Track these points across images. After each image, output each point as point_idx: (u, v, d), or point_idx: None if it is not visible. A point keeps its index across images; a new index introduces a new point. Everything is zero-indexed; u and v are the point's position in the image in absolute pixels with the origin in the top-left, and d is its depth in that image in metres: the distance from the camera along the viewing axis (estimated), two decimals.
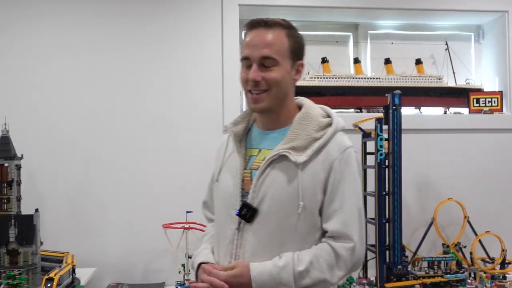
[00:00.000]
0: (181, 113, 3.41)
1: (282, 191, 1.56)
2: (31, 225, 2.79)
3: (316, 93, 3.65)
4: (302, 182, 1.55)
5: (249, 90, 1.61)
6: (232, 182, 1.65)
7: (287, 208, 1.55)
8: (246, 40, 1.63)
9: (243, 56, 1.62)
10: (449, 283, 3.15)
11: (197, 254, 1.75)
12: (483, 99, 3.81)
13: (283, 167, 1.57)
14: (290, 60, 1.62)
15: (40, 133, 3.32)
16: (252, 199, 1.59)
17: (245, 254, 1.60)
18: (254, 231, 1.59)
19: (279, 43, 1.59)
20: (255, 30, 1.61)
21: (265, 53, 1.57)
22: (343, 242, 1.57)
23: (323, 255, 1.55)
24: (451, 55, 3.98)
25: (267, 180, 1.58)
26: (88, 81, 3.39)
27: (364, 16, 3.87)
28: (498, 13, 3.83)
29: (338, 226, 1.57)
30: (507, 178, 3.73)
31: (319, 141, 1.59)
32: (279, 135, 1.64)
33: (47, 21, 3.38)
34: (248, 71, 1.59)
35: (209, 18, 3.47)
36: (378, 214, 3.14)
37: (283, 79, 1.60)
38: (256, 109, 1.64)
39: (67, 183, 3.33)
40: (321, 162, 1.58)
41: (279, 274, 1.51)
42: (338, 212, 1.57)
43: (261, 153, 1.66)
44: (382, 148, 3.14)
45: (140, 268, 3.37)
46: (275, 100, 1.61)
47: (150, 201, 3.33)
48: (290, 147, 1.57)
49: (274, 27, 1.60)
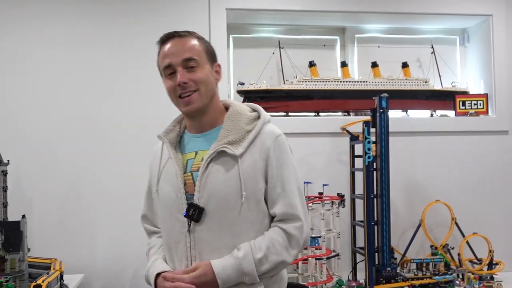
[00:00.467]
0: (170, 117, 3.38)
1: (226, 185, 1.62)
2: (18, 232, 2.75)
3: (304, 96, 3.67)
4: (243, 173, 1.63)
5: (179, 96, 1.70)
6: (174, 188, 1.69)
7: (233, 201, 1.62)
8: (163, 51, 1.73)
9: (164, 65, 1.71)
10: (437, 284, 3.17)
11: (149, 267, 1.74)
12: (469, 101, 3.85)
13: (222, 162, 1.64)
14: (208, 61, 1.73)
15: (27, 139, 3.29)
16: (198, 199, 1.63)
17: (202, 253, 1.63)
18: (206, 229, 1.63)
19: (195, 47, 1.70)
20: (169, 42, 1.73)
21: (186, 55, 1.67)
22: (292, 223, 1.66)
23: (277, 238, 1.63)
24: (437, 58, 4.01)
25: (209, 178, 1.64)
26: (76, 86, 3.36)
27: (351, 20, 3.89)
28: (482, 17, 3.88)
29: (285, 208, 1.66)
30: (493, 180, 3.77)
31: (252, 133, 1.68)
32: (211, 135, 1.72)
33: (33, 23, 3.35)
34: (172, 78, 1.69)
35: (197, 22, 3.47)
36: (366, 217, 3.15)
37: (208, 78, 1.70)
38: (190, 111, 1.71)
39: (55, 189, 3.30)
40: (258, 152, 1.66)
41: (241, 265, 1.58)
42: (282, 196, 1.66)
43: (198, 155, 1.72)
44: (370, 151, 3.16)
45: (129, 274, 3.35)
46: (205, 99, 1.70)
47: (138, 206, 3.29)
48: (226, 142, 1.65)
49: (186, 36, 1.72)
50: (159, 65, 1.76)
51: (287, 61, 3.82)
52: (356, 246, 3.45)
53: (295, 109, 3.64)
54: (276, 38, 3.84)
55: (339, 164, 3.57)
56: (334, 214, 3.25)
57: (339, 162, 3.58)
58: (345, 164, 3.54)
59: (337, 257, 3.29)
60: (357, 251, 3.41)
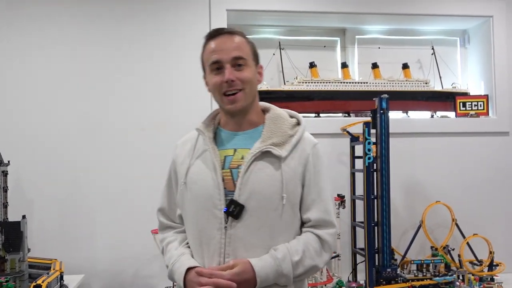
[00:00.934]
0: (170, 118, 3.41)
1: (268, 185, 1.63)
2: (18, 232, 2.76)
3: (304, 97, 3.67)
4: (285, 175, 1.64)
5: (224, 93, 1.69)
6: (211, 183, 1.67)
7: (273, 201, 1.63)
8: (211, 47, 1.71)
9: (212, 60, 1.69)
10: (438, 285, 3.17)
11: (174, 262, 1.71)
12: (469, 103, 3.85)
13: (266, 162, 1.65)
14: (253, 62, 1.74)
15: (27, 139, 3.30)
16: (238, 196, 1.63)
17: (237, 251, 1.62)
18: (244, 227, 1.62)
19: (244, 46, 1.71)
20: (219, 38, 1.71)
21: (236, 54, 1.67)
22: (325, 229, 1.70)
23: (312, 243, 1.66)
24: (437, 59, 4.02)
25: (252, 176, 1.63)
26: (76, 87, 3.37)
27: (352, 21, 3.89)
28: (483, 18, 3.88)
29: (320, 214, 1.69)
30: (493, 181, 3.77)
31: (295, 137, 1.71)
32: (251, 135, 1.73)
33: (33, 24, 3.35)
34: (219, 75, 1.68)
35: (197, 23, 3.47)
36: (367, 218, 3.15)
37: (253, 78, 1.72)
38: (234, 109, 1.71)
39: (55, 189, 3.30)
40: (298, 157, 1.69)
41: (280, 266, 1.59)
42: (317, 202, 1.70)
43: (237, 152, 1.71)
44: (370, 152, 3.16)
45: (129, 274, 3.35)
46: (249, 99, 1.72)
47: (138, 206, 3.31)
48: (271, 144, 1.67)
49: (235, 34, 1.72)
50: (204, 59, 1.75)
51: (288, 62, 3.82)
52: (356, 247, 3.45)
53: (296, 110, 3.46)
54: (276, 39, 3.85)
55: (340, 165, 3.57)
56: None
57: (339, 163, 3.58)
58: (345, 165, 3.54)
59: (337, 258, 3.29)
60: (357, 252, 3.41)
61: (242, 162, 1.67)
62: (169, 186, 1.89)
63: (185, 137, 1.88)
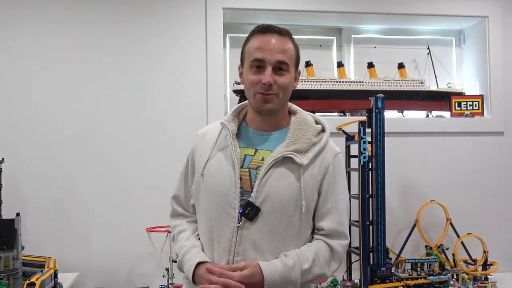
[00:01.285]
0: (165, 116, 3.40)
1: (285, 191, 1.62)
2: (12, 230, 2.75)
3: (300, 96, 3.67)
4: (304, 183, 1.63)
5: (257, 92, 1.65)
6: (228, 180, 1.65)
7: (288, 207, 1.62)
8: (258, 43, 1.66)
9: (256, 58, 1.64)
10: (432, 284, 3.18)
11: (185, 253, 1.70)
12: (465, 102, 3.86)
13: (286, 168, 1.63)
14: (294, 67, 1.71)
15: (22, 136, 3.29)
16: (254, 198, 1.61)
17: (246, 251, 1.62)
18: (257, 229, 1.61)
19: (290, 50, 1.67)
20: (267, 35, 1.66)
21: (281, 58, 1.63)
22: (338, 239, 1.69)
23: (322, 252, 1.66)
24: (433, 59, 4.03)
25: (270, 180, 1.62)
26: (73, 84, 3.36)
27: (348, 21, 3.90)
28: (478, 18, 3.89)
29: (335, 225, 1.68)
30: (488, 181, 3.79)
31: (318, 146, 1.68)
32: (276, 137, 1.71)
33: (31, 24, 3.34)
34: (259, 73, 1.64)
35: (193, 22, 3.47)
36: (362, 217, 3.15)
37: (290, 85, 1.68)
38: (265, 109, 1.67)
39: (49, 187, 3.29)
40: (318, 165, 1.67)
41: (289, 273, 1.59)
42: (333, 212, 1.69)
43: (258, 153, 1.69)
44: (366, 151, 3.17)
45: (124, 273, 3.34)
46: (281, 104, 1.69)
47: (133, 205, 3.31)
48: (294, 150, 1.65)
49: (285, 35, 1.68)
50: (246, 52, 1.70)
51: None
52: (351, 246, 3.44)
53: None
54: None
55: None
56: None
57: None
58: None
59: None
60: (352, 251, 3.41)
61: (261, 163, 1.66)
62: (185, 174, 1.86)
63: (206, 128, 1.85)
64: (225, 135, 1.74)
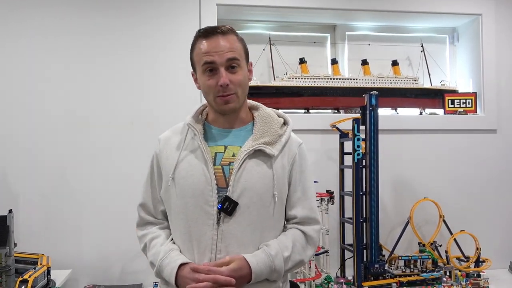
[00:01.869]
0: (159, 112, 3.39)
1: (260, 183, 1.67)
2: (4, 226, 2.72)
3: (294, 93, 3.67)
4: (275, 173, 1.69)
5: (217, 95, 1.69)
6: (202, 178, 1.67)
7: (264, 199, 1.67)
8: (204, 47, 1.69)
9: (206, 61, 1.67)
10: (425, 281, 3.20)
11: (163, 258, 1.68)
12: (458, 100, 3.87)
13: (258, 161, 1.69)
14: (245, 61, 1.75)
15: (13, 132, 3.26)
16: (231, 193, 1.64)
17: (229, 247, 1.63)
18: (237, 224, 1.64)
19: (237, 47, 1.72)
20: (212, 38, 1.69)
21: (230, 55, 1.68)
22: (311, 225, 1.77)
23: (298, 239, 1.73)
24: (426, 56, 4.04)
25: (244, 173, 1.66)
26: (64, 81, 3.33)
27: (342, 18, 3.89)
28: (472, 16, 3.90)
29: (307, 212, 1.77)
30: (481, 178, 3.80)
31: (284, 137, 1.76)
32: (241, 132, 1.77)
33: (23, 23, 3.31)
34: (213, 76, 1.68)
35: (187, 18, 3.45)
36: (355, 214, 3.16)
37: (245, 80, 1.74)
38: (228, 109, 1.72)
39: (42, 183, 3.27)
40: (286, 156, 1.75)
41: (273, 262, 1.63)
42: (302, 200, 1.77)
43: (228, 149, 1.73)
44: (359, 148, 3.17)
45: (117, 270, 3.33)
46: (241, 101, 1.74)
47: (126, 201, 3.28)
48: (263, 142, 1.70)
49: (229, 33, 1.71)
50: (195, 58, 1.74)
51: (278, 58, 3.81)
52: (344, 243, 3.46)
53: (285, 106, 3.64)
54: (266, 35, 3.84)
55: (329, 161, 3.58)
56: (323, 211, 3.26)
57: (328, 159, 3.59)
58: (334, 161, 3.55)
59: (325, 253, 3.30)
60: (345, 248, 3.42)
61: (233, 159, 1.69)
62: (151, 181, 1.86)
63: (168, 132, 1.88)
64: (192, 136, 1.76)
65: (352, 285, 3.18)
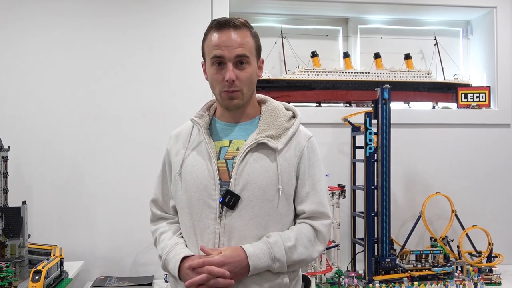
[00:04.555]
0: (170, 106, 3.39)
1: (263, 176, 1.65)
2: (18, 218, 2.76)
3: (306, 87, 3.66)
4: (280, 167, 1.67)
5: (222, 90, 1.69)
6: (206, 173, 1.68)
7: (268, 192, 1.65)
8: (215, 40, 1.68)
9: (215, 55, 1.67)
10: (436, 276, 3.18)
11: (168, 251, 1.71)
12: (471, 94, 3.84)
13: (261, 154, 1.68)
14: (256, 57, 1.74)
15: (28, 125, 3.29)
16: (233, 187, 1.64)
17: (231, 241, 1.63)
18: (239, 217, 1.64)
19: (248, 42, 1.70)
20: (224, 31, 1.67)
21: (240, 52, 1.66)
22: (320, 220, 1.73)
23: (305, 232, 1.70)
24: (439, 50, 4.00)
25: (247, 167, 1.65)
26: (77, 74, 3.35)
27: (354, 11, 3.87)
28: (486, 9, 3.85)
29: (315, 206, 1.73)
30: (494, 173, 3.77)
31: (291, 130, 1.74)
32: (247, 126, 1.76)
33: (32, 16, 3.32)
34: (220, 70, 1.67)
35: (199, 11, 3.45)
36: (367, 208, 3.16)
37: (253, 77, 1.72)
38: (232, 106, 1.72)
39: (56, 175, 3.30)
40: (293, 149, 1.72)
41: (272, 249, 1.60)
42: (312, 194, 1.74)
43: (232, 144, 1.73)
44: (371, 142, 3.16)
45: (129, 261, 3.35)
46: (247, 98, 1.72)
47: (138, 194, 3.30)
48: (267, 136, 1.69)
49: (242, 28, 1.69)
50: (205, 49, 1.74)
51: (290, 51, 3.80)
52: (355, 237, 3.46)
53: (297, 99, 3.63)
54: (278, 28, 3.82)
55: (340, 155, 3.57)
56: (334, 204, 3.25)
57: (340, 153, 3.58)
58: (346, 155, 3.54)
59: (336, 247, 3.30)
60: (356, 242, 3.42)
61: (237, 153, 1.68)
62: (163, 177, 1.89)
63: (179, 128, 1.90)
64: (197, 131, 1.77)
65: (363, 279, 3.18)
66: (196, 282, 1.57)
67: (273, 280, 1.65)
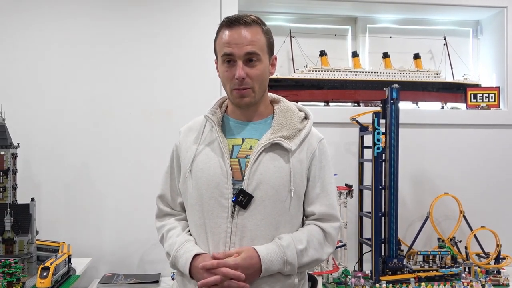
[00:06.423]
0: (179, 103, 3.40)
1: (276, 177, 1.64)
2: (27, 214, 2.78)
3: (314, 86, 3.65)
4: (293, 168, 1.66)
5: (233, 88, 1.68)
6: (218, 171, 1.66)
7: (280, 193, 1.64)
8: (225, 37, 1.67)
9: (225, 52, 1.66)
10: (443, 277, 3.17)
11: (178, 248, 1.68)
12: (480, 94, 3.82)
13: (275, 154, 1.67)
14: (267, 54, 1.73)
15: (37, 122, 3.31)
16: (246, 186, 1.63)
17: (243, 240, 1.62)
18: (251, 217, 1.63)
19: (259, 40, 1.69)
20: (234, 29, 1.67)
21: (249, 49, 1.65)
22: (330, 222, 1.73)
23: (315, 235, 1.70)
24: (449, 50, 3.98)
25: (260, 167, 1.64)
26: (86, 71, 3.36)
27: (363, 10, 3.85)
28: (496, 9, 3.82)
29: (325, 208, 1.73)
30: (503, 174, 3.75)
31: (304, 132, 1.73)
32: (260, 125, 1.75)
33: (43, 14, 3.34)
34: (231, 68, 1.66)
35: (207, 9, 3.45)
36: (374, 208, 3.14)
37: (264, 74, 1.71)
38: (243, 103, 1.71)
39: (64, 172, 3.32)
40: (305, 151, 1.71)
41: (285, 253, 1.60)
42: (322, 196, 1.74)
43: (245, 142, 1.72)
44: (379, 142, 3.15)
45: (136, 259, 3.37)
46: (258, 96, 1.71)
47: (145, 191, 3.30)
48: (281, 136, 1.68)
49: (252, 25, 1.68)
50: (216, 47, 1.74)
51: (298, 50, 3.80)
52: (363, 237, 3.45)
53: (305, 98, 3.63)
54: (287, 27, 3.82)
55: (348, 155, 3.56)
56: (341, 204, 3.24)
57: (347, 152, 3.57)
58: (353, 154, 3.53)
59: (343, 247, 3.29)
60: (363, 242, 3.41)
61: (250, 152, 1.67)
62: (171, 173, 1.88)
63: (189, 124, 1.88)
64: (210, 128, 1.76)
65: (369, 279, 3.17)
66: (210, 283, 1.55)
67: (284, 281, 1.64)
